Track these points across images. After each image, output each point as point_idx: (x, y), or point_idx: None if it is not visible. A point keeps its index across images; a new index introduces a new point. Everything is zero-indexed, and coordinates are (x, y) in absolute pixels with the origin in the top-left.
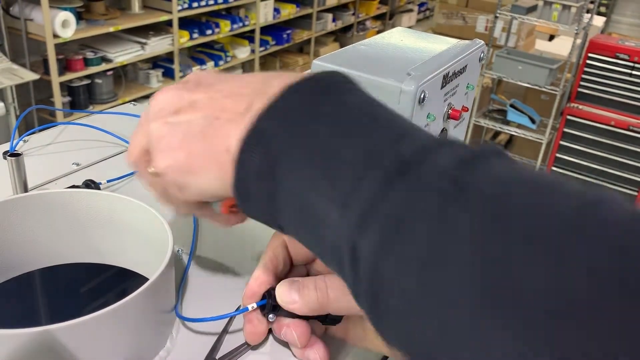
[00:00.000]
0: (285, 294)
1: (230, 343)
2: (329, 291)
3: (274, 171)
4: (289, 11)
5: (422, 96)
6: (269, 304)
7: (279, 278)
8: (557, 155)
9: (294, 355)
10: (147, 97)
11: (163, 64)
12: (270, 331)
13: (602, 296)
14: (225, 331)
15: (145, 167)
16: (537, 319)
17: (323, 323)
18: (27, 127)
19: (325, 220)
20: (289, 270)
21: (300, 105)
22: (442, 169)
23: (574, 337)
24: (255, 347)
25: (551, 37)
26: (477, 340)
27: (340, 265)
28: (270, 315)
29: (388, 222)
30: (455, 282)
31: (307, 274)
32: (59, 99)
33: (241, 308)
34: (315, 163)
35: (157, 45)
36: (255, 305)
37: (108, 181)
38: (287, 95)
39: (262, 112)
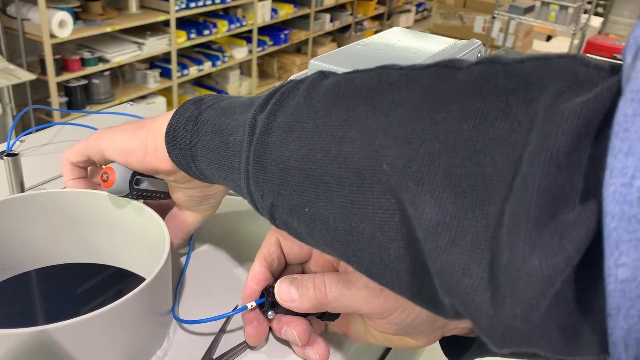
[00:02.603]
0: (284, 292)
1: (227, 343)
2: (327, 291)
3: (199, 114)
4: (286, 11)
5: None
6: (267, 301)
7: (274, 275)
8: None
9: (295, 353)
10: (144, 97)
11: (160, 64)
12: (270, 330)
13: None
14: (222, 331)
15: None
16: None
17: (321, 319)
18: (24, 127)
19: (230, 126)
20: (284, 268)
21: (227, 95)
22: (314, 74)
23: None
24: (253, 347)
25: (549, 38)
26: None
27: (238, 154)
28: (270, 313)
29: (279, 97)
30: (318, 106)
31: (303, 273)
32: (55, 99)
33: (239, 307)
34: (228, 107)
35: (155, 46)
36: (254, 304)
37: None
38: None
39: (204, 96)
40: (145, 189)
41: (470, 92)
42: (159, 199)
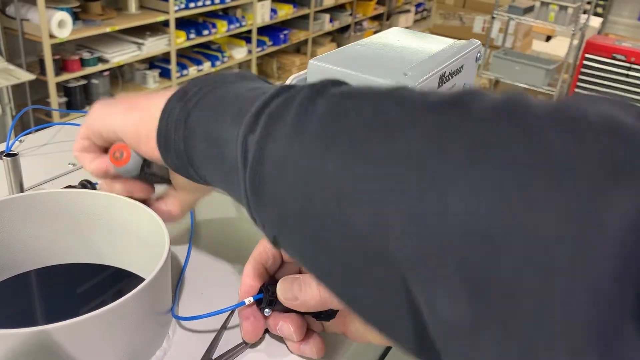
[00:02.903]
0: (287, 291)
1: (227, 342)
2: None
3: (188, 115)
4: (286, 11)
5: None
6: (265, 298)
7: (269, 272)
8: None
9: (290, 350)
10: None
11: (160, 64)
12: (266, 329)
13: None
14: (224, 327)
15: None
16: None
17: (317, 319)
18: (23, 127)
19: (223, 136)
20: (280, 266)
21: (211, 80)
22: (305, 90)
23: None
24: (252, 346)
25: (548, 38)
26: (339, 174)
27: (236, 171)
28: (267, 310)
29: (269, 117)
30: (311, 144)
31: (300, 272)
32: (55, 100)
33: (237, 303)
34: (217, 107)
35: (154, 46)
36: (252, 299)
37: None
38: (202, 77)
39: (188, 81)
40: (154, 172)
41: (482, 153)
42: (162, 184)
